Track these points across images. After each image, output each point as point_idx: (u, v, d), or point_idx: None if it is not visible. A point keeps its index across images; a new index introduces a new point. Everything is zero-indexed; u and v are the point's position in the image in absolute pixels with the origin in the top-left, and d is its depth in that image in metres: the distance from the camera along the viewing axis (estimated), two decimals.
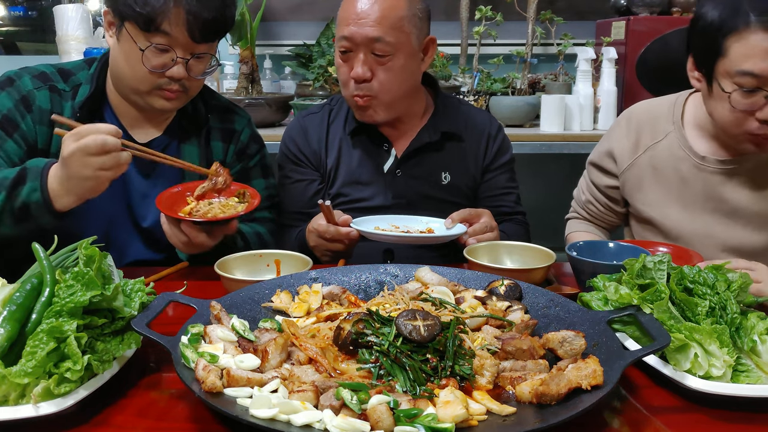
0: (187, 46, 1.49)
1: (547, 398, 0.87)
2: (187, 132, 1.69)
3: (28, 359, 0.87)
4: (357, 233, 1.53)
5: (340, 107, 1.87)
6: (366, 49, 1.64)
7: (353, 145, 1.81)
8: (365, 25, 1.62)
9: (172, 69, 1.50)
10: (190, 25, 1.46)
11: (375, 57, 1.65)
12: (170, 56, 1.48)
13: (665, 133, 1.71)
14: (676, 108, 1.72)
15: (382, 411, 0.81)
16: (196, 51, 1.51)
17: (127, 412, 0.92)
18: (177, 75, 1.50)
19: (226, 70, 3.28)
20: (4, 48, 3.78)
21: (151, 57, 1.48)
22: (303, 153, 1.84)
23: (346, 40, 1.65)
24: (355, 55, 1.66)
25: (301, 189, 1.83)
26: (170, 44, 1.48)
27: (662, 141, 1.71)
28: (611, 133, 1.82)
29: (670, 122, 1.71)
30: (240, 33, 2.70)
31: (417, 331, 0.94)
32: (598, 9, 3.41)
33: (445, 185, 1.81)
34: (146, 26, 1.45)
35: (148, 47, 1.47)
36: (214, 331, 1.00)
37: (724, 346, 0.96)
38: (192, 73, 1.53)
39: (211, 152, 1.72)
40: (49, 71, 1.62)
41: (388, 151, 1.81)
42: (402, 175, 1.80)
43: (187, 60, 1.50)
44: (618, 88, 2.86)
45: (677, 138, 1.69)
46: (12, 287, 1.00)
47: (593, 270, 1.25)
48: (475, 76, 2.97)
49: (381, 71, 1.66)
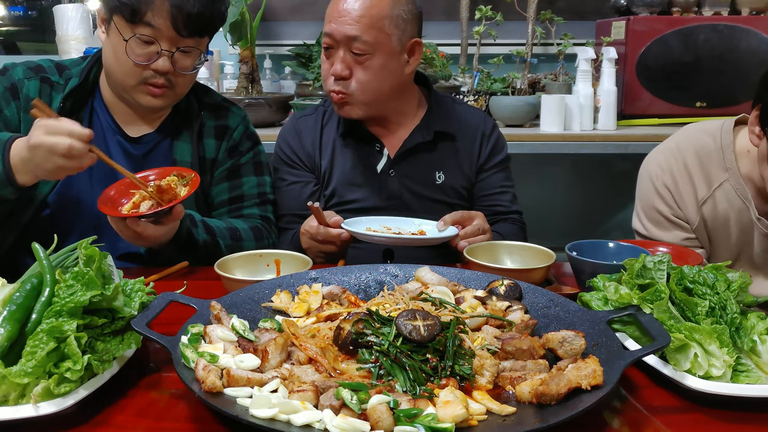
0: (173, 39, 1.50)
1: (547, 398, 0.87)
2: (179, 129, 1.69)
3: (28, 359, 0.87)
4: (348, 234, 1.53)
5: (333, 110, 1.86)
6: (345, 47, 1.66)
7: (346, 147, 1.82)
8: (345, 23, 1.63)
9: (156, 62, 1.50)
10: (174, 17, 1.46)
11: (353, 55, 1.66)
12: (155, 48, 1.49)
13: (720, 181, 1.58)
14: (727, 153, 1.57)
15: (382, 411, 0.81)
16: (181, 45, 1.51)
17: (127, 412, 0.92)
18: (162, 68, 1.51)
19: (226, 69, 3.28)
20: (4, 48, 3.78)
21: (136, 48, 1.49)
22: (297, 155, 1.84)
23: (327, 36, 1.67)
24: (335, 52, 1.68)
25: (296, 191, 1.83)
26: (155, 36, 1.48)
27: (717, 189, 1.59)
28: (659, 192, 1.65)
29: (723, 169, 1.58)
30: (240, 33, 2.70)
31: (417, 331, 0.94)
32: (598, 9, 3.41)
33: (439, 185, 1.81)
34: (131, 17, 1.46)
35: (132, 37, 1.47)
36: (214, 331, 1.00)
37: (724, 346, 0.96)
38: (177, 66, 1.53)
39: (204, 149, 1.71)
40: (46, 65, 1.64)
41: (380, 152, 1.81)
42: (396, 175, 1.80)
43: (173, 53, 1.50)
44: (618, 88, 2.86)
45: (734, 186, 1.57)
46: (12, 287, 1.00)
47: (593, 270, 1.25)
48: (475, 76, 2.97)
49: (359, 70, 1.67)
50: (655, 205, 1.67)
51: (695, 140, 1.64)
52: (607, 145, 2.77)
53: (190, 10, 1.47)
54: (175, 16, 1.46)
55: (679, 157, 1.64)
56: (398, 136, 1.81)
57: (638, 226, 1.74)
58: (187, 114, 1.69)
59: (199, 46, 1.56)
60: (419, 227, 1.65)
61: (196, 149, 1.69)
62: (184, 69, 1.55)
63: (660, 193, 1.66)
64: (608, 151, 2.83)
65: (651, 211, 1.68)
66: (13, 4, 3.76)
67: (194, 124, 1.69)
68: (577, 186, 3.58)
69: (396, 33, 1.66)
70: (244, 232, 1.68)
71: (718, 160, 1.59)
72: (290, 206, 1.82)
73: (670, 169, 1.64)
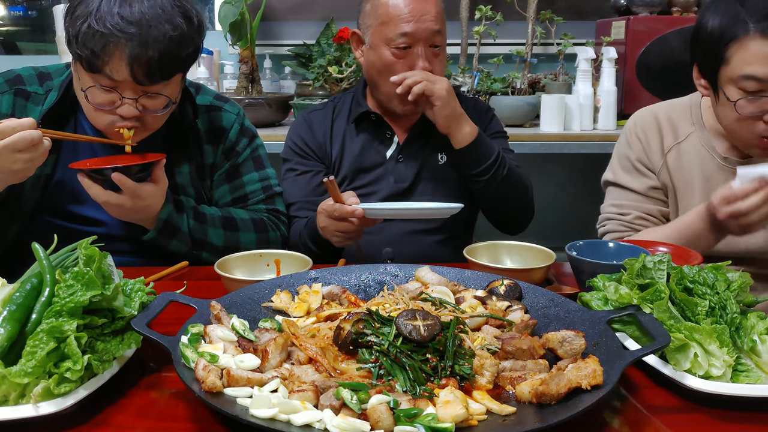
0: (135, 89, 1.41)
1: (547, 398, 0.87)
2: (174, 137, 1.63)
3: (28, 359, 0.86)
4: (362, 211, 1.53)
5: (343, 104, 1.94)
6: (425, 43, 1.74)
7: (357, 134, 1.89)
8: (427, 20, 1.72)
9: (121, 108, 1.43)
10: (132, 69, 1.37)
11: (432, 50, 1.76)
12: (117, 96, 1.42)
13: (687, 134, 1.72)
14: (694, 109, 1.73)
15: (382, 411, 0.81)
16: (147, 90, 1.42)
17: (127, 412, 0.92)
18: (127, 114, 1.44)
19: (226, 69, 3.28)
20: (4, 48, 3.78)
21: (98, 96, 1.43)
22: (308, 145, 1.89)
23: (407, 36, 1.72)
24: (413, 51, 1.74)
25: (307, 179, 1.87)
26: (115, 86, 1.41)
27: (684, 141, 1.71)
28: (629, 141, 1.79)
29: (690, 123, 1.72)
30: (240, 33, 2.70)
31: (417, 330, 0.94)
32: (598, 9, 3.41)
33: (441, 165, 1.88)
34: (89, 68, 1.39)
35: (90, 87, 1.41)
36: (214, 331, 1.00)
37: (723, 345, 0.95)
38: (147, 111, 1.46)
39: (201, 155, 1.68)
40: (26, 74, 1.60)
41: (390, 138, 1.89)
42: (403, 160, 1.87)
43: (137, 99, 1.43)
44: (618, 87, 2.86)
45: (699, 138, 1.70)
46: (12, 287, 0.99)
47: (593, 270, 1.25)
48: (475, 76, 2.97)
49: (436, 62, 1.78)
50: (626, 153, 1.80)
51: (671, 103, 1.79)
52: (607, 145, 2.76)
53: (150, 60, 1.37)
54: (133, 67, 1.36)
55: (652, 112, 1.78)
56: (407, 123, 1.89)
57: (608, 174, 1.86)
58: (182, 123, 1.63)
59: (165, 89, 1.46)
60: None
61: (193, 157, 1.66)
62: (153, 110, 1.47)
63: (630, 142, 1.79)
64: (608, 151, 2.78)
65: (623, 159, 1.81)
66: (13, 4, 3.76)
67: (190, 131, 1.65)
68: (577, 186, 3.57)
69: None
70: (242, 223, 1.65)
71: (687, 115, 1.73)
72: (300, 194, 1.85)
73: (642, 122, 1.78)
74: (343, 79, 2.81)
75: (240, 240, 1.64)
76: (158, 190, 1.47)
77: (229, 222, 1.64)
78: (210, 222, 1.61)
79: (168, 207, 1.52)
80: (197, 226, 1.58)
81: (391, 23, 1.73)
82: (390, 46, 1.74)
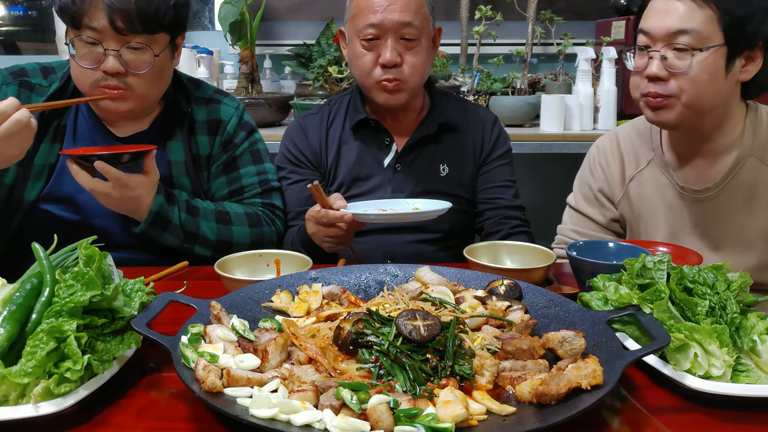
0: (116, 38, 1.46)
1: (547, 398, 0.87)
2: (171, 127, 1.66)
3: (28, 359, 0.86)
4: (351, 216, 1.51)
5: (339, 107, 1.88)
6: (395, 35, 1.68)
7: (353, 142, 1.83)
8: (394, 11, 1.66)
9: (105, 63, 1.47)
10: (110, 16, 1.42)
11: (403, 42, 1.69)
12: (101, 49, 1.46)
13: (647, 161, 1.68)
14: (654, 130, 1.68)
15: (382, 411, 0.81)
16: (129, 42, 1.47)
17: (127, 412, 0.92)
18: (110, 69, 1.48)
19: (226, 69, 3.28)
20: (4, 48, 3.78)
21: (81, 47, 1.47)
22: (303, 153, 1.84)
23: (373, 27, 1.68)
24: (382, 42, 1.69)
25: (300, 188, 1.83)
26: (98, 38, 1.46)
27: (645, 169, 1.67)
28: (592, 170, 1.77)
29: (650, 148, 1.68)
30: (240, 33, 2.70)
31: (417, 331, 0.94)
32: (598, 9, 3.41)
33: (443, 177, 1.83)
34: (73, 24, 1.45)
35: (75, 38, 1.46)
36: (214, 331, 1.00)
37: (723, 345, 0.95)
38: (131, 67, 1.49)
39: (197, 146, 1.69)
40: (30, 68, 1.63)
41: (389, 146, 1.83)
42: (401, 169, 1.82)
43: (119, 52, 1.47)
44: (618, 87, 2.86)
45: (659, 164, 1.65)
46: (12, 287, 0.99)
47: (593, 270, 1.25)
48: (475, 76, 2.97)
49: (409, 56, 1.71)
50: (589, 182, 1.79)
51: (634, 124, 1.75)
52: None
53: (127, 6, 1.42)
54: (111, 14, 1.42)
55: (615, 139, 1.76)
56: (406, 130, 1.84)
57: (570, 199, 1.85)
58: (177, 111, 1.66)
59: (151, 44, 1.50)
60: (413, 206, 1.64)
61: (188, 147, 1.67)
62: (137, 68, 1.50)
63: (593, 170, 1.77)
64: None
65: (584, 187, 1.80)
66: (13, 4, 3.76)
67: (184, 121, 1.67)
68: None
69: (431, 18, 1.74)
70: (236, 216, 1.65)
71: (647, 138, 1.70)
72: (294, 204, 1.82)
73: (604, 149, 1.76)
74: (343, 79, 2.81)
75: (233, 234, 1.63)
76: (148, 181, 1.47)
77: (223, 215, 1.64)
78: (203, 215, 1.60)
79: (159, 198, 1.52)
80: (189, 218, 1.58)
81: (360, 15, 1.70)
82: (359, 38, 1.71)
